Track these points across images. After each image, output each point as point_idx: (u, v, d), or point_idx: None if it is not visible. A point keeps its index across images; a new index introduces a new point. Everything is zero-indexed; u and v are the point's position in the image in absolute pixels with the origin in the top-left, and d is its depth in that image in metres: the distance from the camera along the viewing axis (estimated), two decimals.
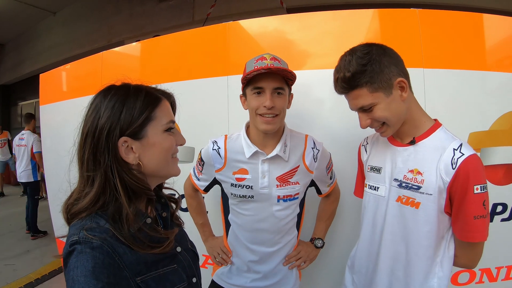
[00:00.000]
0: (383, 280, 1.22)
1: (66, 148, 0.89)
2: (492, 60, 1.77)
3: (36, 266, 3.73)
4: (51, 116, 3.20)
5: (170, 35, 2.26)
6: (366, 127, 1.15)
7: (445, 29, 1.77)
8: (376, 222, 1.25)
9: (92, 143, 0.77)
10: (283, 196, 1.39)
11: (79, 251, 0.69)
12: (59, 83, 3.17)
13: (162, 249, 0.81)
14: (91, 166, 0.77)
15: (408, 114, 1.13)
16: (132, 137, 0.79)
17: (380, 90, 1.06)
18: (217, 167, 1.42)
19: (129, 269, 0.73)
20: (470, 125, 1.71)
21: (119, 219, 0.75)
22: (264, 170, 1.36)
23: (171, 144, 0.86)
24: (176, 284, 0.84)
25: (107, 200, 0.76)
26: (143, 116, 0.79)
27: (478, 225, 1.04)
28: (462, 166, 1.02)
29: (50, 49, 8.60)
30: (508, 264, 1.81)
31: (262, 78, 1.25)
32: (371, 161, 1.32)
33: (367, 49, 1.06)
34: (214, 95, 2.00)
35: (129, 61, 2.48)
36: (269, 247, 1.44)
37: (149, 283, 0.76)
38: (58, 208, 2.82)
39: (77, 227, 0.73)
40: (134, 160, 0.80)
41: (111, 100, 0.78)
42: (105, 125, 0.76)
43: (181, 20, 6.33)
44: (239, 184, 1.38)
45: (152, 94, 0.84)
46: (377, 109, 1.08)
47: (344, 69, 1.07)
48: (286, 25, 1.94)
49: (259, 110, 1.27)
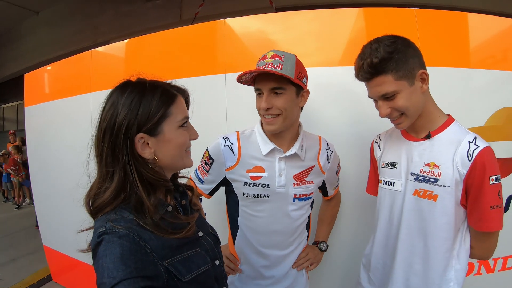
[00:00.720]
0: (400, 275, 1.22)
1: (53, 150, 0.87)
2: (485, 58, 1.81)
3: (23, 275, 3.61)
4: (37, 117, 3.12)
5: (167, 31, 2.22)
6: (385, 116, 1.15)
7: (438, 29, 1.80)
8: (392, 217, 1.26)
9: (111, 140, 0.79)
10: (299, 195, 1.36)
11: (107, 240, 0.72)
12: (45, 83, 3.09)
13: (184, 233, 0.84)
14: (110, 162, 0.80)
15: (424, 108, 1.15)
16: (148, 134, 0.81)
17: (404, 79, 1.07)
18: (228, 165, 1.35)
19: (156, 254, 0.76)
20: (466, 121, 1.72)
21: (141, 210, 0.79)
22: (281, 168, 1.32)
23: (185, 139, 0.89)
24: (201, 266, 0.87)
25: (128, 194, 0.80)
26: (160, 113, 0.82)
27: (494, 214, 1.06)
28: (478, 158, 1.05)
29: (33, 50, 8.43)
30: (504, 255, 1.87)
31: (260, 79, 1.24)
32: (385, 157, 1.33)
33: (393, 39, 1.08)
34: (209, 93, 1.97)
35: (118, 59, 2.43)
36: (282, 249, 1.39)
37: (176, 266, 0.80)
38: (45, 215, 2.78)
39: (102, 219, 0.77)
40: (150, 155, 0.82)
41: (128, 97, 0.80)
42: (123, 122, 0.78)
43: (168, 20, 6.28)
44: (254, 183, 1.32)
45: (168, 91, 0.87)
46: (399, 97, 1.09)
47: (371, 55, 1.07)
48: (270, 25, 1.94)
49: (260, 111, 1.27)
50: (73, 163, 2.46)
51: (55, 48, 7.83)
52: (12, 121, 10.54)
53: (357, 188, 1.73)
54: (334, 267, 1.89)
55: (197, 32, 2.08)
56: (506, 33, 1.85)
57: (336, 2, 5.09)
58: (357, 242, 1.80)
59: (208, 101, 1.97)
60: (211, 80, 1.96)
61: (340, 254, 1.87)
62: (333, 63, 1.31)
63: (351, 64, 1.73)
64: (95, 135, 0.83)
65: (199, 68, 2.01)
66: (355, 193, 1.79)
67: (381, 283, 1.31)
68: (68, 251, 2.90)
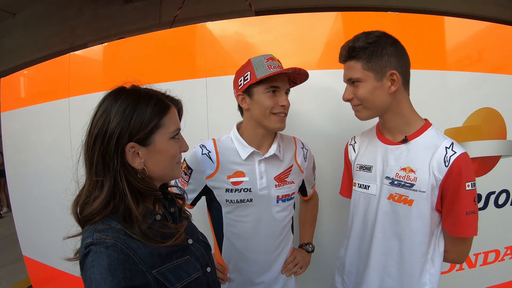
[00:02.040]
0: (374, 277, 1.23)
1: (31, 156, 0.86)
2: (461, 60, 1.88)
3: (4, 287, 3.51)
4: (14, 123, 3.02)
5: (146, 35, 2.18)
6: (346, 100, 1.20)
7: (414, 32, 1.85)
8: (367, 220, 1.27)
9: (102, 147, 0.78)
10: (282, 196, 1.37)
11: (94, 251, 0.72)
12: (22, 88, 2.99)
13: (173, 241, 0.84)
14: (100, 170, 0.79)
15: (397, 110, 1.17)
16: (140, 143, 0.81)
17: (372, 71, 1.11)
18: (208, 173, 1.34)
19: (144, 263, 0.76)
20: (444, 122, 1.80)
21: (129, 219, 0.78)
22: (262, 171, 1.33)
23: (176, 151, 0.89)
24: (191, 273, 0.86)
25: (117, 203, 0.79)
26: (152, 124, 0.82)
27: (469, 220, 1.08)
28: (455, 164, 1.06)
29: (10, 52, 8.16)
30: (485, 250, 1.94)
31: (278, 77, 1.25)
32: (360, 160, 1.33)
33: (380, 34, 1.13)
34: (190, 98, 1.94)
35: (99, 63, 2.38)
36: (270, 253, 1.40)
37: (165, 274, 0.80)
38: (24, 223, 2.70)
39: (89, 230, 0.76)
40: (139, 165, 0.82)
41: (122, 104, 0.80)
42: (115, 130, 0.78)
43: (147, 22, 6.21)
44: (235, 189, 1.32)
45: (162, 101, 0.86)
46: (362, 86, 1.14)
47: (351, 41, 1.14)
48: (249, 27, 1.96)
49: (274, 109, 1.26)
50: (52, 170, 2.41)
51: (32, 51, 7.62)
52: None
53: (335, 189, 1.76)
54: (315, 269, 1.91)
55: (176, 36, 2.07)
56: (481, 36, 1.91)
57: (315, 5, 5.15)
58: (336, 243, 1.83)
59: (188, 105, 1.95)
60: (192, 85, 1.95)
61: (319, 255, 1.88)
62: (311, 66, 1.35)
63: (328, 68, 1.77)
64: (85, 140, 0.82)
65: (179, 72, 2.00)
66: (333, 194, 1.81)
67: (355, 285, 1.32)
68: (49, 261, 2.83)
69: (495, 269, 2.00)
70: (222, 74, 1.88)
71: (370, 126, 1.39)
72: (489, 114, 1.88)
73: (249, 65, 1.28)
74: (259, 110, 1.27)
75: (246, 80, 1.27)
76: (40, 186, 2.70)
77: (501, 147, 1.90)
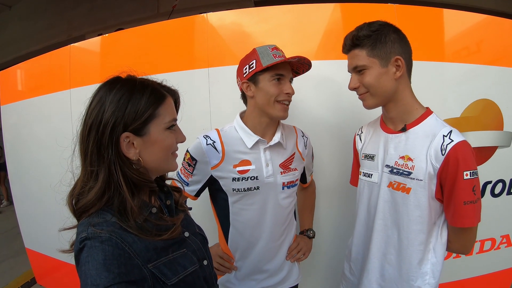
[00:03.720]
0: (375, 264, 1.26)
1: (31, 149, 0.86)
2: (458, 51, 1.90)
3: (6, 280, 3.52)
4: (14, 116, 3.02)
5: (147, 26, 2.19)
6: (352, 88, 1.21)
7: (414, 23, 1.85)
8: (370, 208, 1.30)
9: (96, 137, 0.77)
10: (287, 183, 1.40)
11: (89, 246, 0.70)
12: (21, 80, 2.99)
13: (169, 234, 0.83)
14: (95, 160, 0.78)
15: (399, 97, 1.18)
16: (134, 133, 0.80)
17: (377, 58, 1.13)
18: (213, 163, 1.35)
19: (140, 257, 0.75)
20: (443, 112, 1.81)
21: (125, 212, 0.77)
22: (267, 159, 1.36)
23: (171, 142, 0.87)
24: (187, 267, 0.85)
25: (112, 195, 0.78)
26: (147, 113, 0.80)
27: (467, 210, 1.06)
28: (452, 152, 1.05)
29: (6, 45, 8.08)
30: (481, 239, 1.99)
31: (283, 66, 1.28)
32: (365, 149, 1.36)
33: (383, 23, 1.15)
34: (191, 88, 1.97)
35: (99, 55, 2.38)
36: (275, 240, 1.43)
37: (161, 268, 0.78)
38: (26, 216, 2.71)
39: (84, 224, 0.75)
40: (134, 155, 0.81)
41: (117, 94, 0.78)
42: (110, 119, 0.76)
43: (145, 13, 6.16)
44: (242, 177, 1.34)
45: (158, 91, 0.84)
46: (368, 73, 1.15)
47: (355, 31, 1.16)
48: (248, 18, 1.96)
49: (279, 96, 1.28)
50: (52, 162, 2.42)
51: (29, 43, 7.55)
52: None
53: (342, 178, 1.78)
54: (323, 258, 1.96)
55: (176, 27, 2.07)
56: (479, 28, 1.92)
57: None
58: (343, 232, 1.86)
59: (189, 96, 1.96)
60: (191, 75, 1.97)
61: (327, 244, 1.93)
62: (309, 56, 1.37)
63: (326, 58, 1.78)
64: (79, 131, 0.81)
65: (178, 63, 2.01)
66: (340, 183, 1.85)
67: (360, 272, 1.35)
68: (51, 253, 2.86)
69: (491, 257, 2.05)
70: (222, 65, 1.90)
71: (368, 115, 1.41)
72: (486, 106, 1.90)
73: (254, 53, 1.30)
74: (264, 98, 1.29)
75: (252, 68, 1.29)
76: (41, 178, 2.72)
77: (498, 138, 1.93)
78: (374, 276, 1.26)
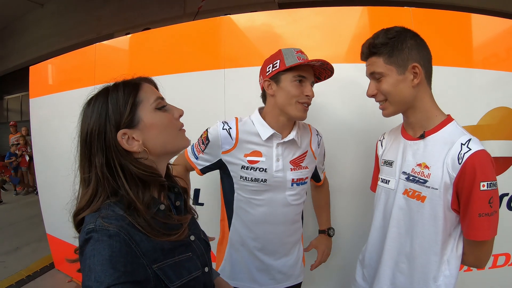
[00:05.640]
0: (386, 272, 1.23)
1: (57, 141, 0.89)
2: (478, 58, 1.84)
3: (27, 263, 3.66)
4: (42, 109, 3.16)
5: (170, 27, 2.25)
6: (370, 95, 1.21)
7: (435, 28, 1.82)
8: (385, 214, 1.28)
9: (86, 149, 0.79)
10: (296, 180, 1.41)
11: (95, 239, 0.69)
12: (50, 75, 3.12)
13: (177, 236, 0.81)
14: (87, 168, 0.79)
15: (418, 104, 1.16)
16: (129, 127, 0.79)
17: (394, 65, 1.12)
18: (225, 148, 1.39)
19: (146, 257, 0.73)
20: (459, 120, 1.74)
21: (134, 209, 0.76)
22: (279, 154, 1.38)
23: (168, 119, 0.86)
24: (192, 271, 0.84)
25: (110, 195, 0.77)
26: (129, 104, 0.80)
27: (482, 223, 1.02)
28: (469, 161, 1.01)
29: (37, 42, 8.43)
30: (494, 253, 1.84)
31: (305, 68, 1.31)
32: (385, 155, 1.35)
33: (400, 29, 1.14)
34: (208, 87, 2.02)
35: (122, 53, 2.46)
36: (280, 237, 1.44)
37: (166, 270, 0.77)
38: (48, 204, 2.81)
39: (94, 215, 0.74)
40: (139, 147, 0.80)
41: (95, 104, 0.80)
42: (94, 127, 0.78)
43: (172, 13, 6.28)
44: (251, 167, 1.36)
45: (130, 82, 0.85)
46: (385, 81, 1.14)
47: (372, 38, 1.15)
48: (276, 20, 1.96)
49: (300, 98, 1.30)
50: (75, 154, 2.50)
51: (59, 40, 7.84)
52: (16, 112, 10.59)
53: (362, 181, 1.76)
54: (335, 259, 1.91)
55: (201, 27, 2.11)
56: (505, 34, 1.86)
57: None
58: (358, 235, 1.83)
59: (208, 95, 2.02)
60: (214, 75, 2.00)
61: (342, 249, 1.90)
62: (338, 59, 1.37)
63: (355, 62, 1.78)
64: (78, 155, 0.82)
65: (203, 63, 2.04)
66: (359, 186, 1.83)
67: (372, 279, 1.33)
68: (70, 239, 2.95)
69: (504, 274, 1.94)
70: (247, 65, 1.93)
71: (392, 119, 1.38)
72: (506, 114, 1.82)
73: (279, 54, 1.33)
74: (285, 97, 1.31)
75: (275, 67, 1.32)
76: (64, 169, 2.79)
77: None
78: (385, 284, 1.24)
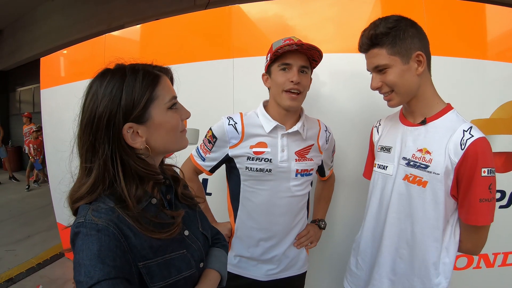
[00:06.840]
0: (387, 258, 1.23)
1: (67, 132, 0.88)
2: (493, 50, 1.79)
3: (37, 251, 3.74)
4: (52, 100, 3.19)
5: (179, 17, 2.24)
6: (375, 88, 1.19)
7: (449, 18, 1.78)
8: (382, 201, 1.27)
9: (91, 134, 0.74)
10: (301, 170, 1.41)
11: (84, 233, 0.68)
12: (60, 66, 3.15)
13: (169, 234, 0.78)
14: (89, 157, 0.75)
15: (421, 92, 1.16)
16: (137, 122, 0.75)
17: (398, 55, 1.10)
18: (232, 142, 1.41)
19: (133, 253, 0.71)
20: (471, 113, 1.72)
21: (126, 201, 0.74)
22: (284, 144, 1.38)
23: (177, 121, 0.83)
24: (183, 271, 0.81)
25: (107, 187, 0.75)
26: (145, 98, 0.75)
27: (482, 208, 1.05)
28: (471, 147, 1.03)
29: (49, 34, 8.49)
30: (504, 251, 1.85)
31: (290, 55, 1.29)
32: (382, 141, 1.35)
33: (398, 18, 1.11)
34: (219, 77, 2.01)
35: (132, 44, 2.46)
36: (284, 227, 1.45)
37: (152, 269, 0.74)
38: (59, 194, 2.84)
39: (85, 208, 0.73)
40: (141, 144, 0.77)
41: (108, 86, 0.74)
42: (104, 113, 0.72)
43: (182, 4, 6.24)
44: (257, 157, 1.38)
45: (150, 73, 0.79)
46: (390, 72, 1.12)
47: (371, 28, 1.13)
48: (286, 8, 1.94)
49: (285, 85, 1.30)
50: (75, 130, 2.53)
51: (70, 32, 7.87)
52: (29, 103, 10.69)
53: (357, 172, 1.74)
54: (334, 250, 1.94)
55: (211, 17, 2.10)
56: None
57: None
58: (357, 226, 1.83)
59: (217, 84, 2.01)
60: (223, 64, 1.99)
61: (338, 236, 1.91)
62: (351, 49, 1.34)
63: None
64: (76, 132, 0.78)
65: (212, 53, 2.03)
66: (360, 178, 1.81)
67: (369, 266, 1.33)
68: None
69: None
70: (258, 55, 1.89)
71: None
72: None
73: (271, 47, 1.36)
74: (275, 88, 1.34)
75: (267, 61, 1.37)
76: (74, 160, 2.84)
77: None
78: (384, 271, 1.25)
